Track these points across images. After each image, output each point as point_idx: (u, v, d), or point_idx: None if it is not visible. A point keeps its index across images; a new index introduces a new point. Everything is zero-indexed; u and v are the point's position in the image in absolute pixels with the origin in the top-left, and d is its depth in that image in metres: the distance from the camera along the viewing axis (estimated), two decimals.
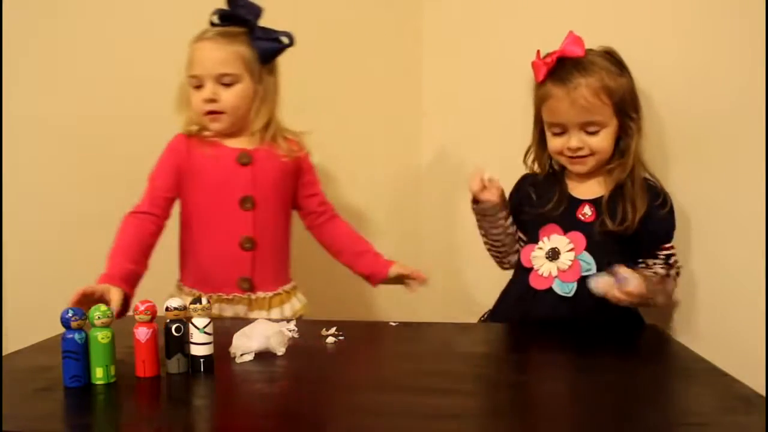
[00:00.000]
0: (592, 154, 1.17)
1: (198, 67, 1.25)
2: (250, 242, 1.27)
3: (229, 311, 1.26)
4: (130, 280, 1.13)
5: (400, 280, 1.36)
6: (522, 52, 1.21)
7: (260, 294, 1.28)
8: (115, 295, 1.04)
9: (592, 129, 1.16)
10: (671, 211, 1.18)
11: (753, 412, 0.76)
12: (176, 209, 1.31)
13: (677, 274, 1.16)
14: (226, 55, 1.25)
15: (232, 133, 1.29)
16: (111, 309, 0.89)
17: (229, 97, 1.25)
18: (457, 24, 1.68)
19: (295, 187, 1.35)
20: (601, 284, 1.10)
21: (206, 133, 1.29)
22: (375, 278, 1.36)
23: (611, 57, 1.18)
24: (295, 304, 1.33)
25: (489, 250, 1.30)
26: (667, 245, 1.18)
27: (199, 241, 1.29)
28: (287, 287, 1.33)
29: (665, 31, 1.24)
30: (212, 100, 1.25)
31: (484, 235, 1.29)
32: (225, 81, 1.25)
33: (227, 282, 1.27)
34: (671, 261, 1.16)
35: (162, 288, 1.29)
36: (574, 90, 1.13)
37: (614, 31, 1.28)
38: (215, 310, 1.24)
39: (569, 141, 1.17)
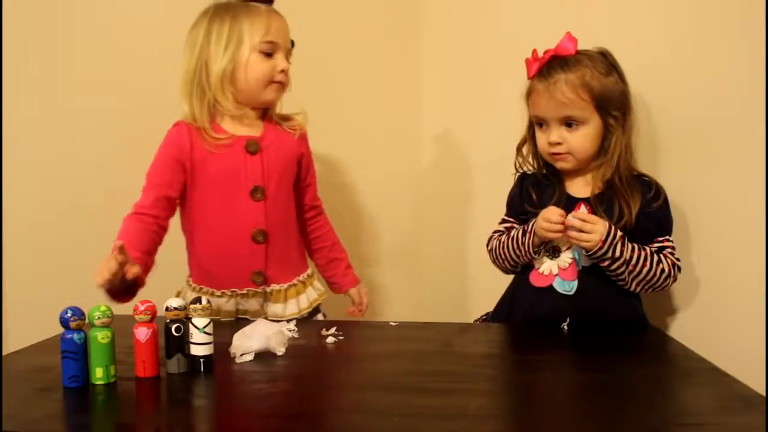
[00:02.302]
0: (570, 152, 1.18)
1: (277, 35, 1.22)
2: (262, 235, 1.23)
3: (244, 306, 1.24)
4: (143, 267, 1.08)
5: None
6: (523, 50, 1.21)
7: (275, 287, 1.25)
8: (135, 268, 1.03)
9: (571, 124, 1.17)
10: (664, 205, 1.18)
11: (753, 412, 0.76)
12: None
13: (673, 266, 1.16)
14: (288, 29, 1.25)
15: (242, 116, 1.25)
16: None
17: (288, 71, 1.25)
18: (458, 22, 1.68)
19: (299, 173, 1.32)
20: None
21: (218, 119, 1.24)
22: (337, 289, 1.40)
23: (603, 57, 1.18)
24: (311, 294, 1.30)
25: (499, 264, 1.27)
26: (660, 238, 1.18)
27: (208, 236, 1.24)
28: (302, 276, 1.30)
29: (665, 29, 1.24)
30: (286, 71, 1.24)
31: (503, 259, 1.24)
32: (289, 54, 1.25)
33: (240, 277, 1.23)
34: (663, 252, 1.16)
35: (170, 286, 1.29)
36: (554, 85, 1.15)
37: (613, 29, 1.28)
38: (230, 305, 1.23)
39: (549, 135, 1.18)
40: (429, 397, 0.83)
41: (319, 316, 1.33)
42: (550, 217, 1.14)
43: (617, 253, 1.11)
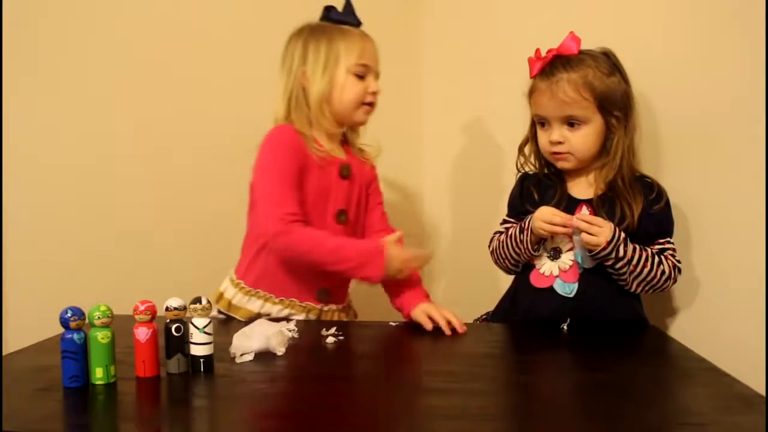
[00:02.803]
0: (571, 152, 1.18)
1: (370, 58, 1.25)
2: None
3: (294, 315, 1.23)
4: None
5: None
6: (523, 50, 1.21)
7: (332, 307, 1.26)
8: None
9: (572, 123, 1.17)
10: (666, 207, 1.18)
11: (753, 412, 0.76)
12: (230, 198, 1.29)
13: (674, 267, 1.16)
14: (378, 53, 1.27)
15: (334, 136, 1.26)
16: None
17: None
18: (458, 22, 1.68)
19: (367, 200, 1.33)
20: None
21: (317, 132, 1.24)
22: (403, 314, 1.25)
23: (605, 57, 1.18)
24: (350, 315, 1.32)
25: (501, 264, 1.27)
26: (661, 240, 1.18)
27: None
28: (348, 298, 1.32)
29: (666, 30, 1.25)
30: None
31: (504, 258, 1.24)
32: (378, 77, 1.27)
33: (306, 291, 1.23)
34: (665, 254, 1.16)
35: (170, 286, 1.29)
36: (556, 84, 1.15)
37: (614, 30, 1.28)
38: (283, 313, 1.23)
39: (551, 134, 1.18)
40: (429, 397, 0.83)
41: None
42: (551, 219, 1.13)
43: (620, 254, 1.11)
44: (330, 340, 1.07)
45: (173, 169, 1.56)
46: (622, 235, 1.12)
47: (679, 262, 1.16)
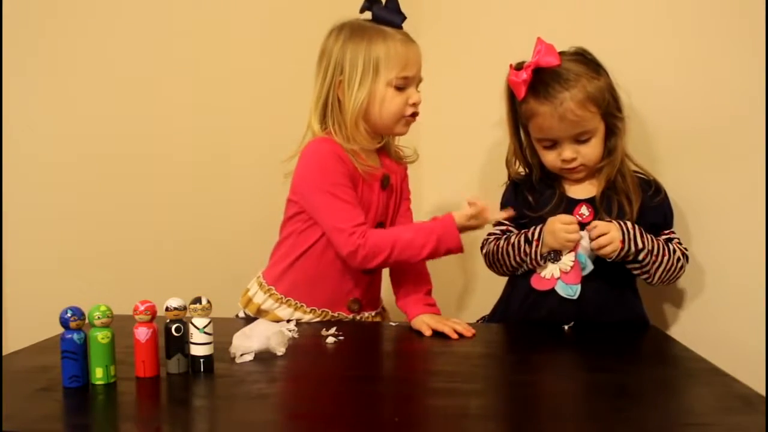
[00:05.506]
0: (583, 163, 1.17)
1: (413, 68, 1.16)
2: None
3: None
4: None
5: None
6: (520, 52, 1.20)
7: (365, 314, 1.24)
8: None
9: (583, 138, 1.16)
10: (666, 199, 1.19)
11: (753, 412, 0.76)
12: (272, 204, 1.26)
13: (683, 255, 1.16)
14: (421, 57, 1.20)
15: (377, 145, 1.22)
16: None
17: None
18: (456, 23, 1.68)
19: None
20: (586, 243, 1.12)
21: (355, 147, 1.17)
22: (407, 318, 1.22)
23: (584, 58, 1.17)
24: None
25: (497, 269, 1.26)
26: (666, 231, 1.18)
27: (321, 258, 1.19)
28: (381, 304, 1.30)
29: (664, 29, 1.24)
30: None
31: (501, 264, 1.23)
32: (419, 84, 1.20)
33: (338, 301, 1.21)
34: (671, 244, 1.16)
35: (170, 286, 1.29)
36: (561, 105, 1.12)
37: (611, 31, 1.28)
38: (315, 321, 1.22)
39: (562, 153, 1.17)
40: (429, 397, 0.83)
41: None
42: (569, 228, 1.13)
43: (639, 245, 1.11)
44: (330, 340, 1.07)
45: (174, 170, 1.56)
46: (628, 224, 1.12)
47: (686, 249, 1.17)
